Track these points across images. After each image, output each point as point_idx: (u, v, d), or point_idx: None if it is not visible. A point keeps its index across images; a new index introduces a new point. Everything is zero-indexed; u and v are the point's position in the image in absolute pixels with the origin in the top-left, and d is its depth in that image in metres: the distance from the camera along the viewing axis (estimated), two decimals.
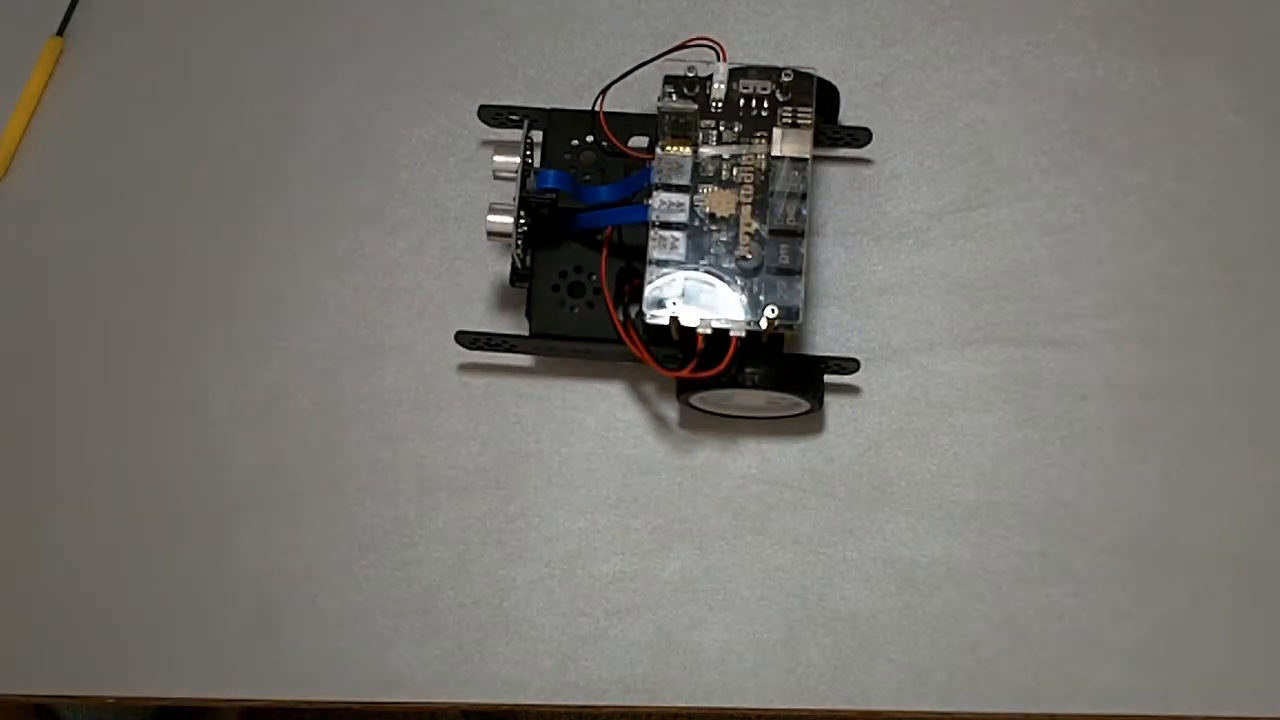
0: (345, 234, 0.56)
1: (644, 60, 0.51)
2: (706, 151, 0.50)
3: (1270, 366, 0.53)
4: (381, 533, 0.52)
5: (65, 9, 0.59)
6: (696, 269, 0.48)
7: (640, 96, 0.53)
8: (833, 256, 0.54)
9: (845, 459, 0.52)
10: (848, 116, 0.56)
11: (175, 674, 0.52)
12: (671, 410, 0.53)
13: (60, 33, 0.59)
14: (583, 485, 0.53)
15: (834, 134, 0.54)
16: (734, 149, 0.50)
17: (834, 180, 0.55)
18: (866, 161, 0.56)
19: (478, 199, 0.55)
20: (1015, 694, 0.50)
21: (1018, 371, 0.53)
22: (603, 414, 0.53)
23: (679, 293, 0.48)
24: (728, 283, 0.48)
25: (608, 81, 0.51)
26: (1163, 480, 0.52)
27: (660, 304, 0.48)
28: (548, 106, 0.53)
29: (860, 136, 0.54)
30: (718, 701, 0.51)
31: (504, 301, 0.54)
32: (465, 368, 0.54)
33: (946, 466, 0.52)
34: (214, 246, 0.56)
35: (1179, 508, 0.51)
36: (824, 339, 0.54)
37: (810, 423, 0.53)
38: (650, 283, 0.48)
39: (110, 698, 0.52)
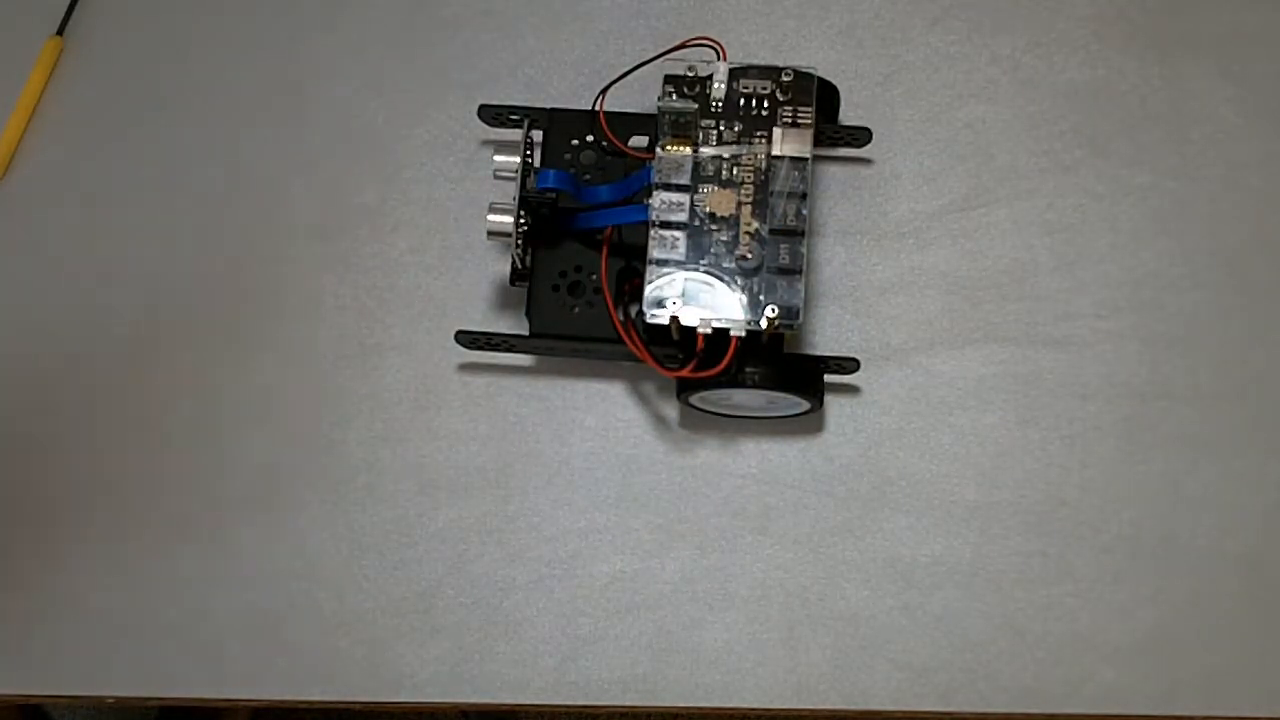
0: (345, 234, 0.56)
1: (644, 60, 0.51)
2: (706, 151, 0.50)
3: (1270, 366, 0.53)
4: (381, 533, 0.52)
5: (65, 9, 0.59)
6: (696, 269, 0.48)
7: (640, 96, 0.52)
8: (833, 256, 0.54)
9: (845, 459, 0.52)
10: (848, 116, 0.56)
11: (175, 674, 0.52)
12: (671, 410, 0.53)
13: (60, 33, 0.59)
14: (583, 485, 0.53)
15: (834, 134, 0.54)
16: (734, 149, 0.50)
17: (834, 180, 0.55)
18: (866, 161, 0.56)
19: (478, 199, 0.55)
20: (1015, 694, 0.50)
21: (1018, 371, 0.53)
22: (603, 414, 0.53)
23: (679, 292, 0.48)
24: (728, 282, 0.48)
25: (608, 81, 0.51)
26: (1163, 480, 0.52)
27: (660, 304, 0.48)
28: (548, 106, 0.53)
29: (860, 136, 0.54)
30: (717, 701, 0.50)
31: (504, 301, 0.54)
32: (465, 368, 0.54)
33: (946, 466, 0.52)
34: (214, 246, 0.56)
35: (1179, 508, 0.51)
36: (824, 339, 0.54)
37: (810, 423, 0.53)
38: (650, 282, 0.48)
39: (110, 698, 0.52)
